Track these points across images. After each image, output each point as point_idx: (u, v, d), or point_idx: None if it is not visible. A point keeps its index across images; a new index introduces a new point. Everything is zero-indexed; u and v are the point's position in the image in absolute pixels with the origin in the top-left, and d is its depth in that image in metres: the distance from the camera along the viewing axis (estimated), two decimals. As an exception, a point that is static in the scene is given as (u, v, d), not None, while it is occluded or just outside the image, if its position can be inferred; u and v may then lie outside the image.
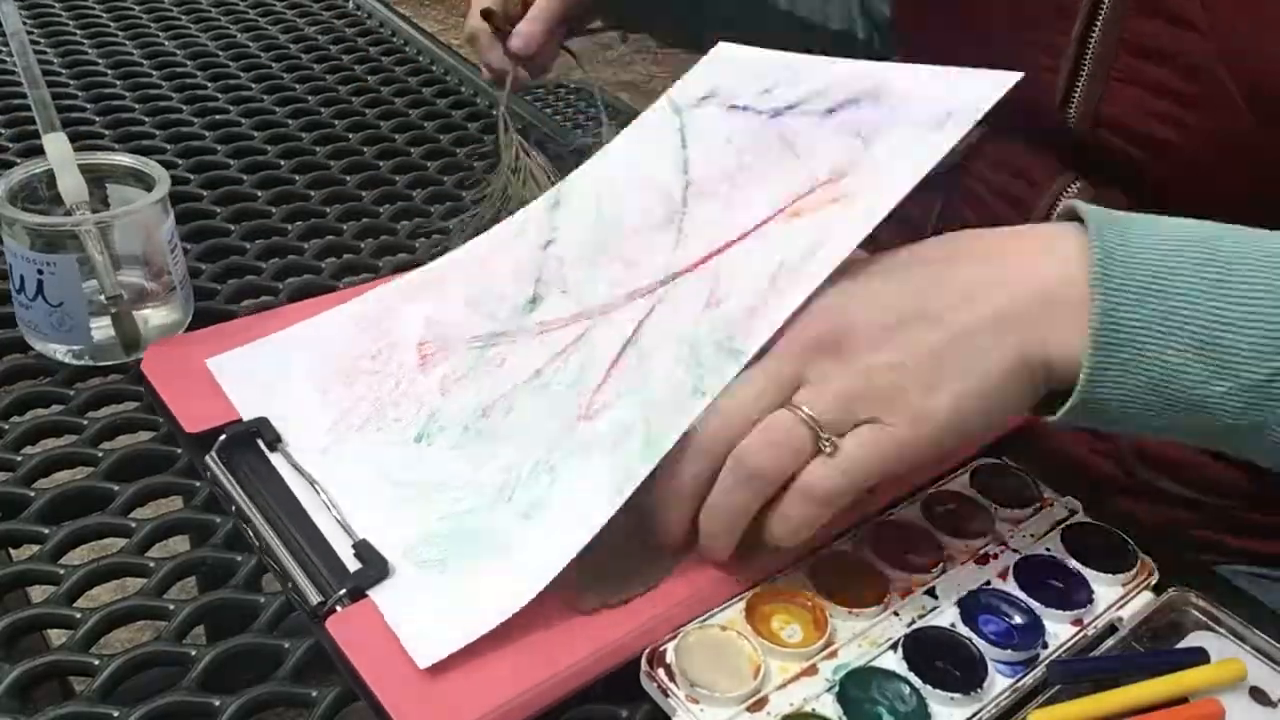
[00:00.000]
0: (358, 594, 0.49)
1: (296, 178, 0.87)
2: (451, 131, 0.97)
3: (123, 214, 0.64)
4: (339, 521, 0.53)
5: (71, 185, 0.65)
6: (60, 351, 0.65)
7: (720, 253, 0.59)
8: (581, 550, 0.49)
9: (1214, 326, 0.45)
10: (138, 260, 0.66)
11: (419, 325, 0.64)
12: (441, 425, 0.58)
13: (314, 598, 0.49)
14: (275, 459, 0.57)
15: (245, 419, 0.58)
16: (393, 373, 0.62)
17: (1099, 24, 0.65)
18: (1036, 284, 0.48)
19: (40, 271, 0.62)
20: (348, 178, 0.88)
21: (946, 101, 0.57)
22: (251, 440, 0.58)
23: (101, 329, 0.64)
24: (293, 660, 0.49)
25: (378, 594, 0.49)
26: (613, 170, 0.70)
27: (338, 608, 0.49)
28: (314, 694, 0.48)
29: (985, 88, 0.56)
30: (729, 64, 0.71)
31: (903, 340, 0.48)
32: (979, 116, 0.54)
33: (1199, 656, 0.49)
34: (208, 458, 0.57)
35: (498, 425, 0.57)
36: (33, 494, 0.57)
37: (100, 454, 0.59)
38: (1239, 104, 0.60)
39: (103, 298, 0.63)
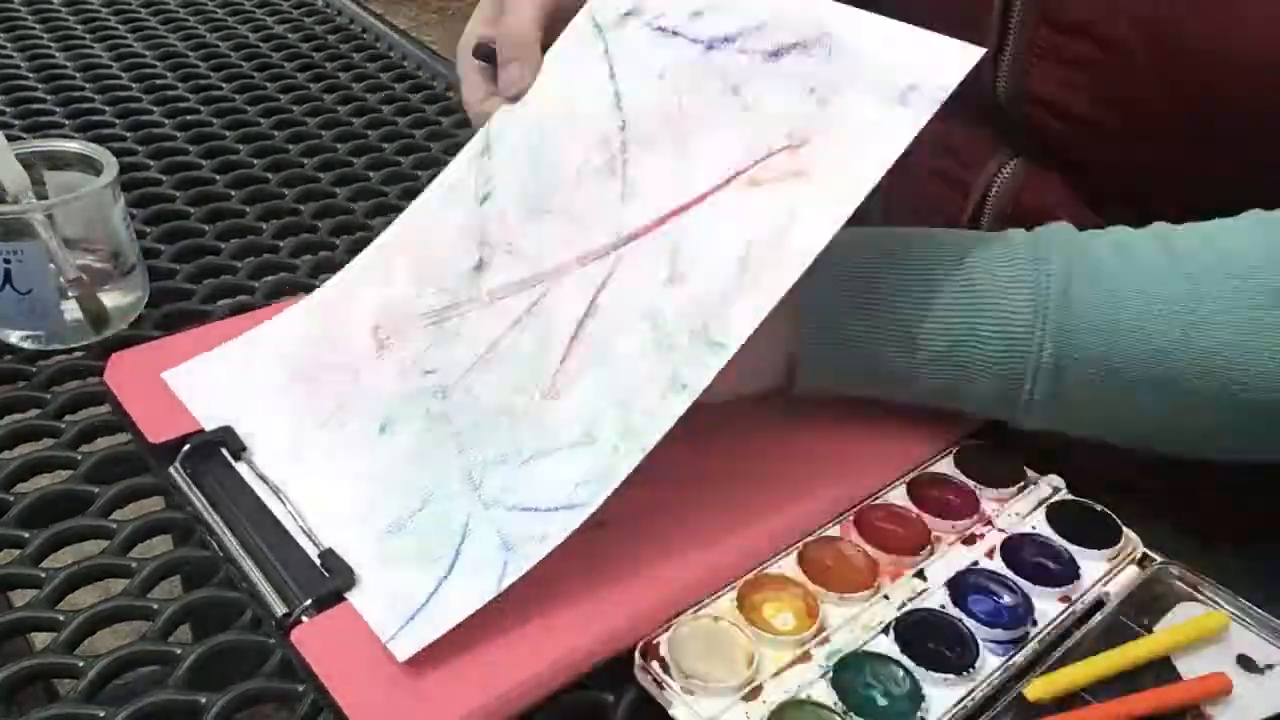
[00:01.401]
0: (324, 604, 0.48)
1: (255, 162, 0.87)
2: (425, 127, 0.96)
3: (74, 198, 0.64)
4: (304, 530, 0.52)
5: (9, 176, 0.65)
6: (31, 338, 0.65)
7: (674, 216, 0.56)
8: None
9: (900, 306, 0.54)
10: (92, 244, 0.66)
11: (370, 310, 0.63)
12: (404, 414, 0.57)
13: (279, 609, 0.48)
14: (241, 468, 0.55)
15: (209, 428, 0.57)
16: (350, 363, 0.60)
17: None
18: None
19: (7, 261, 0.61)
20: (321, 175, 0.88)
21: (908, 72, 0.54)
22: (216, 450, 0.56)
23: (71, 311, 0.65)
24: (277, 656, 0.49)
25: (355, 596, 0.49)
26: (541, 106, 0.65)
27: (304, 618, 0.48)
28: (299, 689, 0.47)
29: (950, 61, 0.52)
30: None
31: None
32: (945, 96, 0.52)
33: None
34: (171, 469, 0.55)
35: (459, 407, 0.56)
36: (12, 498, 0.56)
37: (79, 456, 0.59)
38: (1160, 81, 0.59)
39: (63, 280, 0.63)
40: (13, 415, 0.62)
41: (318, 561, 0.50)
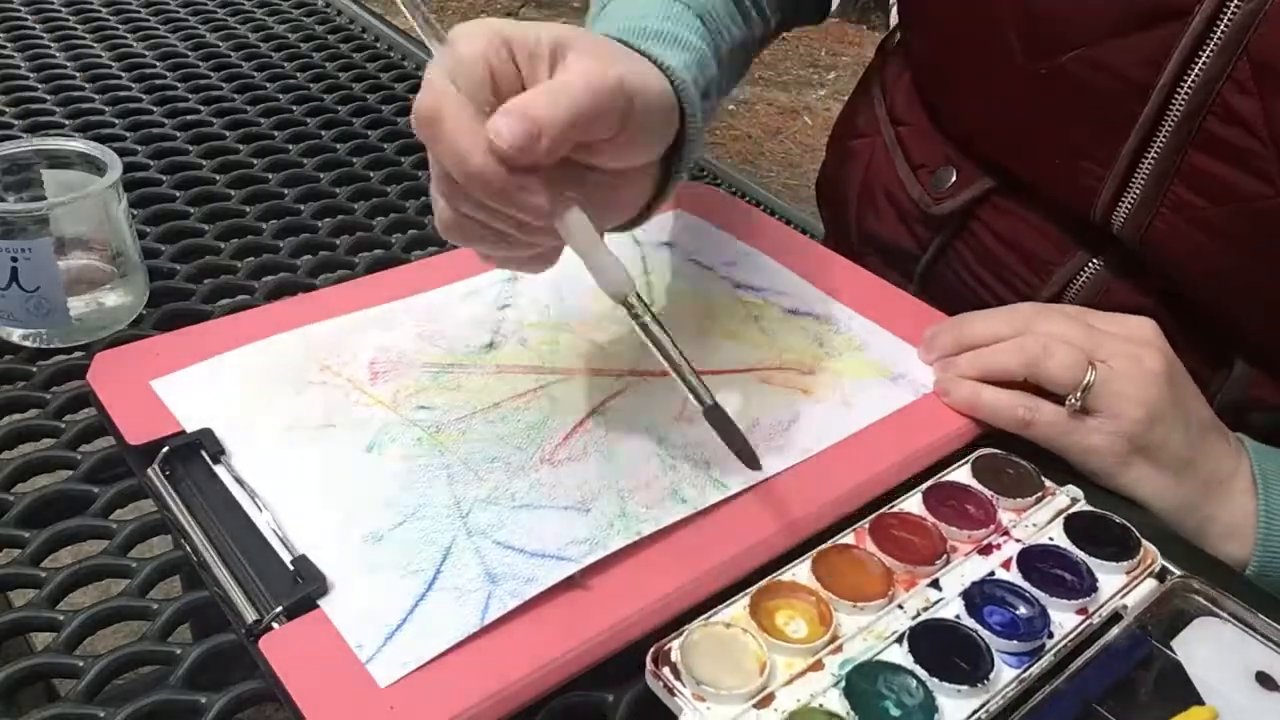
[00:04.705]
0: (295, 611, 0.47)
1: (255, 162, 0.86)
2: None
3: (79, 197, 0.63)
4: (279, 536, 0.50)
5: None
6: (33, 336, 0.64)
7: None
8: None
9: None
10: (95, 243, 0.65)
11: (369, 348, 0.63)
12: (393, 436, 0.57)
13: (249, 615, 0.47)
14: (220, 471, 0.54)
15: (189, 430, 0.56)
16: (342, 385, 0.60)
17: (1154, 149, 0.62)
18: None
19: (14, 259, 0.61)
20: (321, 175, 0.87)
21: (895, 364, 0.65)
22: (196, 453, 0.55)
23: (76, 309, 0.64)
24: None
25: (329, 604, 0.47)
26: (571, 268, 0.68)
27: (274, 625, 0.47)
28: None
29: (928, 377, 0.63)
30: (690, 228, 0.77)
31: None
32: (926, 391, 0.63)
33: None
34: (149, 470, 0.54)
35: (452, 442, 0.56)
36: (12, 498, 0.55)
37: (79, 456, 0.58)
38: None
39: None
40: (13, 415, 0.61)
41: (291, 568, 0.49)
